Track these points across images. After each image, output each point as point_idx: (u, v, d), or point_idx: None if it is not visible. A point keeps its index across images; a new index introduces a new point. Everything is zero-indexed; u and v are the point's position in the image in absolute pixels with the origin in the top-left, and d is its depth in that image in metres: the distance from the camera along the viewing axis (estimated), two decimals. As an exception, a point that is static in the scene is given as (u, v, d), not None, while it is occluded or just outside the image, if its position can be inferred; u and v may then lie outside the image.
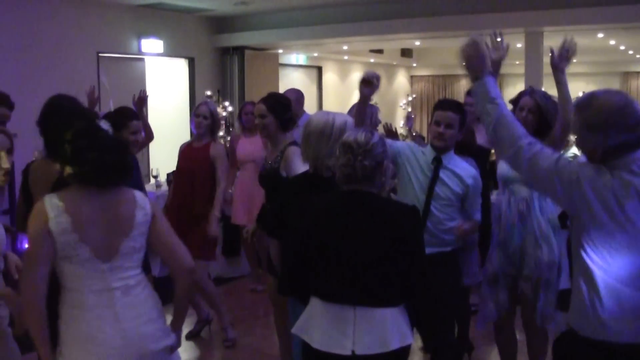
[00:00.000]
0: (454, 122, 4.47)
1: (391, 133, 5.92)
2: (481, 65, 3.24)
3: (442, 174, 4.43)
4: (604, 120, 2.82)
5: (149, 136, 6.19)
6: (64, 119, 3.25)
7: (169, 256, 3.16)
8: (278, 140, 4.98)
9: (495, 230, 4.69)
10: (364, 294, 3.13)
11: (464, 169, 4.51)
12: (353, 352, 3.09)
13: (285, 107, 5.05)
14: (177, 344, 3.19)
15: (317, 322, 3.25)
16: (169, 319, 3.20)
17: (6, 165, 3.35)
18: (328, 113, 3.96)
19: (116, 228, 2.98)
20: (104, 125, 3.11)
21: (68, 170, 2.96)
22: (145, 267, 3.25)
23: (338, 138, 3.69)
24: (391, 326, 3.12)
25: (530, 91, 4.79)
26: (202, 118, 6.10)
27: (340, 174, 3.27)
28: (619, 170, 2.81)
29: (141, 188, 5.30)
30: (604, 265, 2.81)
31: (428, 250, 4.32)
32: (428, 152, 4.51)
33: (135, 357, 2.94)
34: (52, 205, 2.88)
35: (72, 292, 2.93)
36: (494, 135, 3.12)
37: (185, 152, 6.23)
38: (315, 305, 3.30)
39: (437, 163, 4.45)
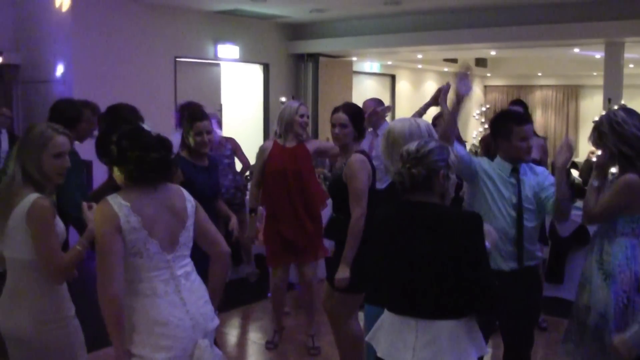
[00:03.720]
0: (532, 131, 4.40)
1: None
2: None
3: (523, 183, 4.31)
4: None
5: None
6: (110, 124, 3.43)
7: (209, 242, 3.44)
8: (349, 150, 4.99)
9: None
10: (422, 305, 3.10)
11: (532, 167, 4.38)
12: None
13: (363, 117, 5.13)
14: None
15: (384, 331, 3.27)
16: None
17: (68, 164, 3.53)
18: (407, 119, 3.95)
19: (175, 221, 3.25)
20: (147, 127, 3.30)
21: (116, 172, 3.20)
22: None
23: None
24: (451, 340, 3.06)
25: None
26: (307, 117, 6.03)
27: (396, 182, 3.26)
28: None
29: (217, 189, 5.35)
30: None
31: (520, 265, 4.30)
32: (501, 166, 4.34)
33: (201, 336, 3.21)
34: (119, 206, 3.09)
35: (143, 283, 3.13)
36: None
37: (281, 152, 5.95)
38: (385, 315, 3.31)
39: (517, 173, 4.32)
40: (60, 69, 10.23)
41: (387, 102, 17.32)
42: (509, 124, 4.29)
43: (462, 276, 3.02)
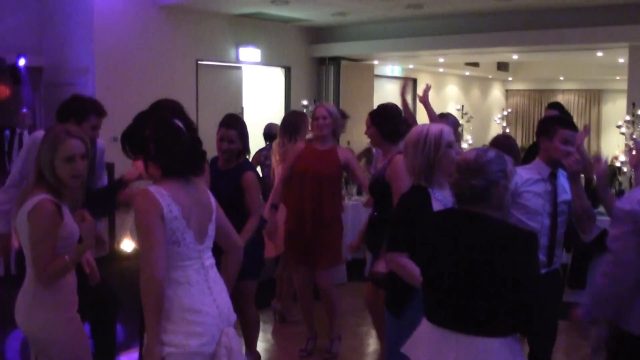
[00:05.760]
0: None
1: None
2: None
3: (558, 189, 4.34)
4: None
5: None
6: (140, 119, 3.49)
7: (225, 235, 3.56)
8: (386, 150, 5.16)
9: None
10: (465, 321, 2.98)
11: (564, 173, 4.39)
12: None
13: (386, 118, 5.21)
14: None
15: (423, 344, 3.18)
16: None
17: (80, 169, 3.61)
18: (424, 125, 3.96)
19: (205, 214, 3.36)
20: (178, 122, 3.36)
21: (151, 166, 3.27)
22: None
23: (433, 148, 3.72)
24: (493, 358, 2.94)
25: None
26: (322, 119, 5.90)
27: (453, 193, 3.16)
28: None
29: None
30: None
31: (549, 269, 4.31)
32: (539, 169, 4.35)
33: (225, 325, 3.33)
34: (161, 195, 3.17)
35: (177, 271, 3.21)
36: None
37: (308, 153, 5.98)
38: (424, 325, 3.22)
39: (555, 179, 4.34)
40: (82, 72, 10.30)
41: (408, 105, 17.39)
42: (556, 124, 4.35)
43: (511, 295, 2.90)
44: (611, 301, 3.39)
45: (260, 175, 8.06)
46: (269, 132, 8.57)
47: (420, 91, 6.16)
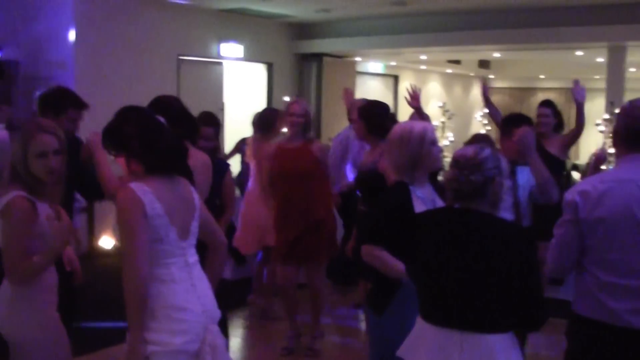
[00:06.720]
0: None
1: None
2: None
3: (518, 185, 4.51)
4: None
5: None
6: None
7: (210, 233, 3.51)
8: (374, 144, 5.27)
9: None
10: (470, 318, 2.97)
11: (524, 169, 4.57)
12: None
13: (372, 113, 5.35)
14: None
15: (422, 345, 3.13)
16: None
17: (53, 164, 3.49)
18: (408, 122, 4.01)
19: (187, 211, 3.31)
20: (160, 118, 3.35)
21: (133, 163, 3.22)
22: None
23: (417, 145, 3.73)
24: (499, 354, 2.95)
25: None
26: (297, 117, 5.83)
27: (448, 189, 3.13)
28: None
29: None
30: None
31: None
32: None
33: (210, 322, 3.28)
34: (143, 192, 3.11)
35: (160, 269, 3.17)
36: None
37: (279, 154, 5.95)
38: (421, 326, 3.18)
39: (514, 175, 4.45)
40: (61, 66, 10.20)
41: (390, 102, 17.44)
42: (510, 125, 4.69)
43: (515, 289, 2.93)
44: (558, 274, 3.61)
45: (240, 166, 8.11)
46: None
47: (403, 90, 6.26)
